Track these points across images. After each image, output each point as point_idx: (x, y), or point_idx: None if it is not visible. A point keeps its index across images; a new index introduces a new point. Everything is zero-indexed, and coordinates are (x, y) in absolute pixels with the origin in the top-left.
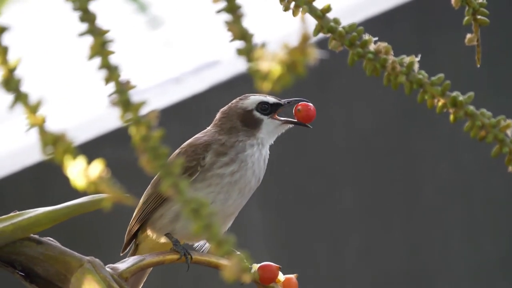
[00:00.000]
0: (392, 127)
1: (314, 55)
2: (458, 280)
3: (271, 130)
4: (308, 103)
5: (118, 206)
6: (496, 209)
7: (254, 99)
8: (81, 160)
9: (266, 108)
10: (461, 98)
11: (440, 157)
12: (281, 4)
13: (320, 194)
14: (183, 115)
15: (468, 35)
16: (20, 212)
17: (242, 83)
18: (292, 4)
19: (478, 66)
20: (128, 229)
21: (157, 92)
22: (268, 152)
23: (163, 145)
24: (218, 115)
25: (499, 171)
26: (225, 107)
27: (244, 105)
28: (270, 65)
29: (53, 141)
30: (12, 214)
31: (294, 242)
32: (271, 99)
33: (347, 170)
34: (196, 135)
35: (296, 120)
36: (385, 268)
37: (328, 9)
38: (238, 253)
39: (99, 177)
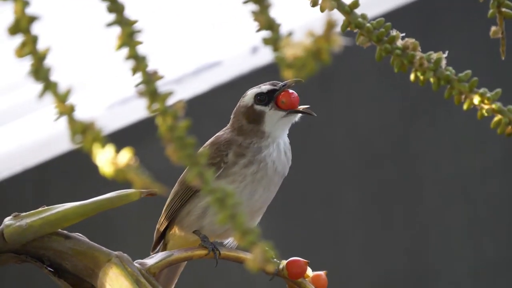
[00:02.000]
0: (394, 129)
1: (339, 42)
2: (459, 280)
3: (275, 121)
4: (288, 91)
5: (146, 203)
6: (496, 210)
7: (251, 93)
8: (109, 148)
9: (264, 98)
10: (488, 94)
11: (442, 159)
12: None
13: (323, 195)
14: (184, 116)
15: (493, 28)
16: (48, 207)
17: (244, 84)
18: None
19: (503, 58)
20: (156, 227)
21: None
22: (287, 141)
23: (190, 135)
24: (231, 116)
25: (500, 172)
26: (235, 108)
27: (245, 103)
28: (296, 52)
29: (82, 130)
30: (40, 209)
31: (297, 243)
32: (265, 88)
33: (349, 171)
34: (217, 134)
35: (300, 109)
36: (387, 268)
37: (356, 4)
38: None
39: (127, 165)
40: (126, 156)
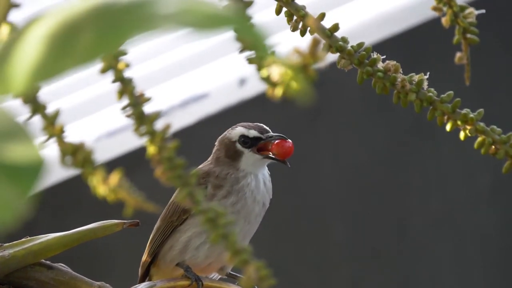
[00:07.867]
0: (382, 162)
1: (324, 58)
2: None
3: (251, 163)
4: (284, 140)
5: (129, 233)
6: (485, 243)
7: (238, 131)
8: (100, 169)
9: (247, 142)
10: (471, 115)
11: (430, 191)
12: (289, 24)
13: (310, 229)
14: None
15: (458, 54)
16: (31, 237)
17: (231, 116)
18: (300, 24)
19: (467, 84)
20: (141, 262)
21: None
22: (267, 173)
23: (178, 156)
24: (215, 143)
25: (489, 205)
26: (221, 136)
27: (230, 136)
28: (281, 70)
29: (72, 151)
30: (23, 239)
31: (284, 277)
32: (252, 133)
33: (336, 204)
34: (199, 166)
35: (274, 157)
36: None
37: (336, 28)
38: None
39: (118, 184)
40: (117, 176)
